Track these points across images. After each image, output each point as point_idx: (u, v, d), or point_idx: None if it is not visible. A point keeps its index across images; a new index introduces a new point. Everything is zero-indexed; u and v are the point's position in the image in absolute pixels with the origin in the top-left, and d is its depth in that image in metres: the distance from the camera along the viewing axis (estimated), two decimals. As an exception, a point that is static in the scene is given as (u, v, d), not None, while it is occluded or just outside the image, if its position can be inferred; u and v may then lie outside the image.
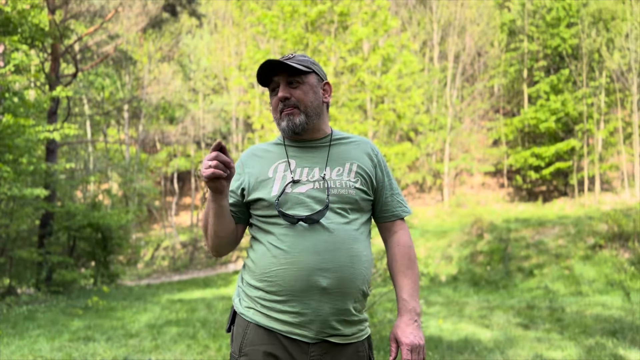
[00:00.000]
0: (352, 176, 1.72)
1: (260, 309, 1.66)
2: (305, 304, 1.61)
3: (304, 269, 1.60)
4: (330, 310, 1.62)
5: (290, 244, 1.63)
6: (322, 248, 1.62)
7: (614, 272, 10.52)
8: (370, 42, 17.73)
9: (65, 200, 14.98)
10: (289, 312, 1.62)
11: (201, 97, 25.99)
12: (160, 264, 22.42)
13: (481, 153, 24.46)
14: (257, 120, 18.95)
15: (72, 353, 5.54)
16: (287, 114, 1.71)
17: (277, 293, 1.63)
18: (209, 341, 6.02)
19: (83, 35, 15.27)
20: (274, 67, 1.71)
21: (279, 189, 1.68)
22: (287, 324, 1.62)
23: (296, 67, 1.69)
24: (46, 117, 13.25)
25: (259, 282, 1.67)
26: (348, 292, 1.64)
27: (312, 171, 1.72)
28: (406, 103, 17.59)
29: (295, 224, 1.63)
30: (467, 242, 14.09)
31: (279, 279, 1.62)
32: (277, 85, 1.74)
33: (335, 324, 1.63)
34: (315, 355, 1.62)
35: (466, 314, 7.77)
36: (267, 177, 1.72)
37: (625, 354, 4.96)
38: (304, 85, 1.73)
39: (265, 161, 1.76)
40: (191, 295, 11.56)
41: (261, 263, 1.67)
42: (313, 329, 1.61)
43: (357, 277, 1.65)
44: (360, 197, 1.71)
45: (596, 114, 20.98)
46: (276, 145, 1.81)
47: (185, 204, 28.30)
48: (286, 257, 1.62)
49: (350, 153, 1.77)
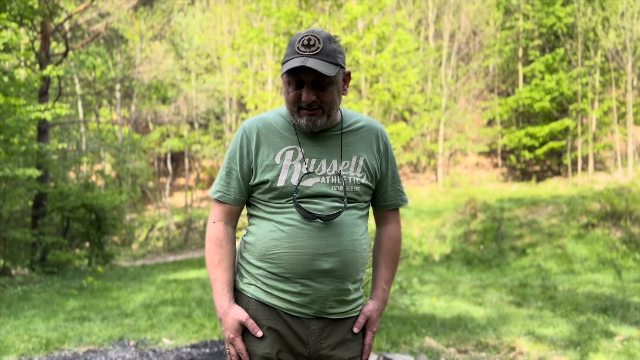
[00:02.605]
0: (358, 171, 1.71)
1: (262, 286, 1.69)
2: (306, 286, 1.65)
3: (307, 254, 1.63)
4: (330, 291, 1.66)
5: (293, 229, 1.65)
6: (325, 233, 1.64)
7: (605, 250, 10.63)
8: (365, 20, 17.56)
9: (58, 181, 14.89)
10: (290, 291, 1.66)
11: (194, 77, 25.73)
12: (155, 244, 22.44)
13: (475, 133, 24.46)
14: (250, 100, 18.81)
15: (68, 332, 5.56)
16: (309, 114, 1.63)
17: (279, 274, 1.66)
18: (205, 320, 6.06)
19: (73, 13, 15.00)
20: (299, 68, 1.58)
21: (286, 180, 1.65)
22: (288, 302, 1.66)
23: (327, 70, 1.57)
24: (37, 97, 13.09)
25: (260, 261, 1.69)
26: (349, 274, 1.69)
27: (319, 162, 1.68)
28: (401, 82, 17.49)
29: (312, 219, 1.64)
30: (460, 221, 14.17)
31: (282, 262, 1.65)
32: (300, 81, 1.61)
33: (334, 303, 1.69)
34: (315, 329, 1.68)
35: (459, 292, 7.84)
36: (274, 162, 1.68)
37: (615, 330, 5.03)
38: (330, 86, 1.62)
39: (274, 144, 1.69)
40: (186, 275, 11.60)
41: (263, 244, 1.68)
42: (313, 307, 1.67)
43: (357, 260, 1.70)
44: (363, 191, 1.73)
45: (590, 93, 20.97)
46: (286, 125, 1.72)
47: (179, 184, 28.23)
48: (289, 241, 1.64)
49: (358, 145, 1.73)
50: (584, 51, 21.48)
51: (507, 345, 4.66)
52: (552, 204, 13.91)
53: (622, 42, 19.33)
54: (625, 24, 18.96)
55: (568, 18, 21.86)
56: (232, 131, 23.93)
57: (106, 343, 5.16)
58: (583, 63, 21.19)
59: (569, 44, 21.68)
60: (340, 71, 1.64)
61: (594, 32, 20.67)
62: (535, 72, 22.45)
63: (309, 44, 1.59)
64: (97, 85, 21.12)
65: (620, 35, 19.40)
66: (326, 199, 1.65)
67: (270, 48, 19.23)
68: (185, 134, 25.63)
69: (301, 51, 1.59)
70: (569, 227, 12.04)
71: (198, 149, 24.37)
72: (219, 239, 1.72)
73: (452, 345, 4.71)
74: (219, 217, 1.75)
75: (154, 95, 23.21)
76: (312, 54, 1.58)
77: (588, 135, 20.40)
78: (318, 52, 1.58)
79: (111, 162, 22.77)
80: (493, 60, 24.68)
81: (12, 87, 10.63)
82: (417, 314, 6.07)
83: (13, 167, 10.41)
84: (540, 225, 12.63)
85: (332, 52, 1.61)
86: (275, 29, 17.96)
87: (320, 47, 1.59)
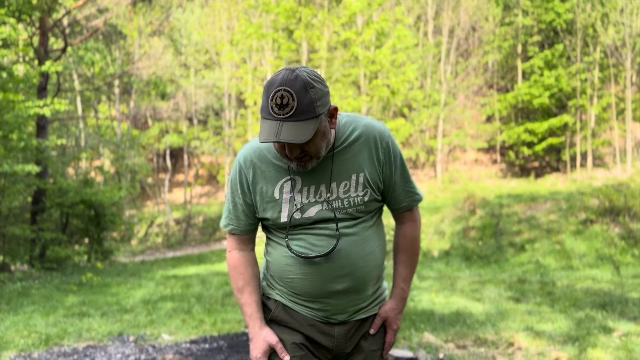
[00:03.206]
0: (359, 190, 1.66)
1: (285, 297, 1.74)
2: (325, 303, 1.70)
3: (318, 280, 1.66)
4: (349, 303, 1.71)
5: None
6: (335, 257, 1.64)
7: (604, 246, 10.65)
8: (364, 16, 17.53)
9: (57, 177, 14.87)
10: (312, 308, 1.71)
11: (192, 73, 25.68)
12: (154, 240, 22.45)
13: (474, 129, 24.46)
14: (249, 96, 18.79)
15: (67, 328, 5.57)
16: (298, 162, 1.58)
17: (297, 294, 1.71)
18: (204, 316, 6.07)
19: (72, 9, 14.96)
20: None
21: (287, 215, 1.65)
22: (312, 314, 1.72)
23: (303, 140, 1.48)
24: (36, 93, 13.06)
25: (279, 281, 1.74)
26: (365, 287, 1.72)
27: (318, 189, 1.65)
28: (400, 79, 17.48)
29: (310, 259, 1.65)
30: (459, 217, 14.18)
31: (296, 285, 1.69)
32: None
33: (355, 309, 1.74)
34: (342, 332, 1.73)
35: (458, 288, 7.85)
36: (274, 198, 1.67)
37: (614, 326, 5.05)
38: (315, 136, 1.53)
39: (270, 177, 1.67)
40: (185, 271, 11.60)
41: (278, 267, 1.73)
42: (337, 317, 1.72)
43: (371, 271, 1.72)
44: (369, 206, 1.70)
45: (589, 89, 20.96)
46: (278, 155, 1.65)
47: (179, 180, 28.21)
48: (301, 268, 1.67)
49: (355, 160, 1.65)
50: (583, 47, 21.46)
51: (505, 341, 4.68)
52: (551, 200, 13.93)
53: (621, 38, 19.32)
54: (624, 20, 18.94)
55: (567, 14, 21.83)
56: (232, 127, 23.93)
57: (106, 339, 5.17)
58: (582, 59, 21.18)
59: (568, 40, 21.66)
60: (323, 115, 1.54)
61: (593, 28, 20.65)
62: (535, 68, 22.43)
63: (282, 104, 1.47)
64: (96, 81, 21.08)
65: (620, 31, 19.38)
66: (330, 222, 1.65)
67: (269, 44, 19.20)
68: (184, 130, 25.59)
69: (275, 113, 1.47)
70: (567, 223, 12.06)
71: (197, 145, 24.35)
72: (237, 267, 1.77)
73: (451, 341, 4.73)
74: (233, 247, 1.79)
75: (153, 91, 23.14)
76: (286, 117, 1.47)
77: (587, 131, 20.40)
78: (292, 114, 1.47)
79: (110, 158, 22.75)
80: (492, 57, 24.66)
81: (10, 83, 10.61)
82: (416, 310, 6.09)
83: (12, 163, 10.41)
84: (538, 221, 12.65)
85: (309, 105, 1.49)
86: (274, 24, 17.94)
87: (295, 105, 1.47)
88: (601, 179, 17.23)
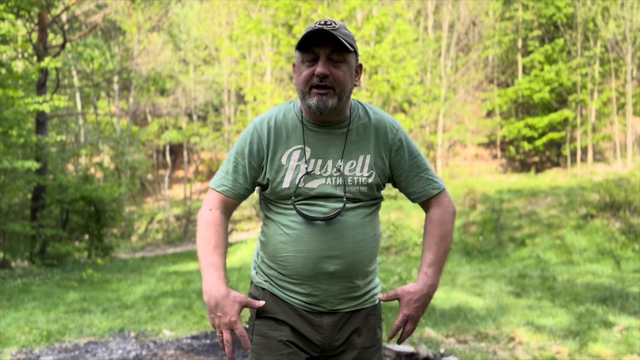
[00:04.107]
0: (365, 171, 1.68)
1: (275, 285, 1.72)
2: (315, 287, 1.67)
3: (311, 257, 1.64)
4: (339, 291, 1.68)
5: (298, 232, 1.65)
6: (329, 236, 1.64)
7: (604, 241, 10.65)
8: (364, 10, 17.46)
9: (57, 174, 14.86)
10: (301, 292, 1.69)
11: (192, 68, 25.62)
12: (154, 236, 22.46)
13: (475, 124, 24.42)
14: (249, 92, 18.75)
15: (68, 324, 5.58)
16: (320, 93, 1.60)
17: (288, 275, 1.69)
18: (205, 311, 6.07)
19: (70, 5, 14.91)
20: (317, 37, 1.57)
21: (291, 181, 1.65)
22: (300, 301, 1.69)
23: (344, 43, 1.57)
24: (35, 89, 13.04)
25: (271, 262, 1.72)
26: (356, 274, 1.69)
27: (325, 163, 1.66)
28: (400, 74, 17.43)
29: (311, 221, 1.64)
30: (460, 213, 14.18)
31: (289, 264, 1.67)
32: (314, 57, 1.60)
33: (344, 300, 1.70)
34: (329, 323, 1.70)
35: (459, 283, 7.86)
36: (281, 164, 1.67)
37: (614, 320, 5.05)
38: (344, 65, 1.61)
39: (282, 144, 1.68)
40: (186, 267, 11.62)
41: (272, 246, 1.70)
42: (325, 306, 1.69)
43: (364, 259, 1.69)
44: (371, 190, 1.70)
45: (590, 84, 20.92)
46: (294, 124, 1.69)
47: (178, 177, 28.20)
48: (294, 245, 1.65)
49: (364, 143, 1.70)
50: (583, 42, 21.40)
51: (506, 336, 4.68)
52: (551, 195, 13.92)
53: (621, 32, 19.26)
54: (625, 14, 18.89)
55: (567, 8, 21.76)
56: (231, 123, 23.89)
57: (107, 335, 5.18)
58: (582, 54, 21.13)
59: (568, 35, 21.60)
60: (354, 56, 1.64)
61: (594, 22, 20.59)
62: (535, 63, 22.38)
63: (326, 22, 1.60)
64: (95, 77, 21.04)
65: (620, 25, 19.32)
66: (330, 200, 1.65)
67: (269, 39, 19.14)
68: (184, 126, 25.57)
69: (319, 26, 1.59)
70: (568, 218, 12.05)
71: (197, 141, 24.33)
72: (216, 224, 1.68)
73: (452, 336, 4.73)
74: (216, 206, 1.72)
75: (152, 87, 23.10)
76: (331, 29, 1.58)
77: (587, 126, 20.37)
78: (336, 30, 1.59)
79: (110, 155, 22.73)
80: (492, 51, 24.60)
81: (9, 79, 10.59)
82: (416, 305, 6.08)
83: (12, 160, 10.40)
84: (539, 216, 12.65)
85: (349, 35, 1.63)
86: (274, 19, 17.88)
87: (337, 26, 1.60)
88: (602, 174, 17.22)
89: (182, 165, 27.35)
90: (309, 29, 1.59)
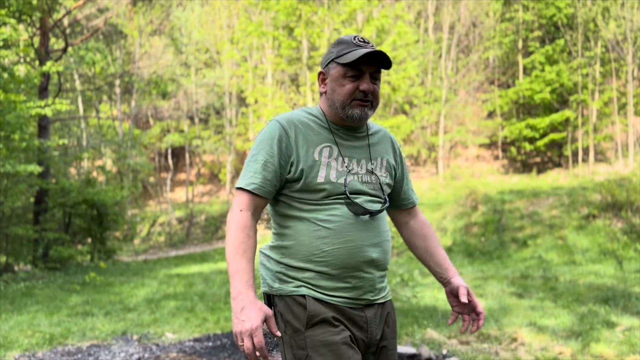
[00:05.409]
0: (383, 171, 1.83)
1: (314, 287, 1.68)
2: (358, 278, 1.71)
3: (357, 246, 1.70)
4: (377, 278, 1.77)
5: (340, 225, 1.69)
6: (370, 226, 1.73)
7: (607, 241, 10.64)
8: (364, 12, 17.48)
9: (59, 177, 14.90)
10: (344, 287, 1.70)
11: (193, 71, 25.67)
12: (157, 239, 22.48)
13: (476, 125, 24.42)
14: (250, 94, 18.78)
15: (71, 327, 5.59)
16: (363, 105, 1.73)
17: (327, 272, 1.68)
18: (207, 314, 6.08)
19: (72, 9, 14.97)
20: (370, 58, 1.70)
21: (325, 176, 1.70)
22: (342, 298, 1.70)
23: (389, 64, 1.72)
24: (37, 93, 13.08)
25: (305, 263, 1.68)
26: (388, 261, 1.81)
27: (352, 161, 1.76)
28: (401, 75, 17.44)
29: (360, 214, 1.70)
30: (461, 213, 14.17)
31: (333, 258, 1.68)
32: (359, 73, 1.72)
33: (378, 290, 1.78)
34: (371, 316, 1.75)
35: (461, 284, 7.85)
36: (313, 158, 1.71)
37: (617, 320, 5.05)
38: (379, 82, 1.77)
39: (310, 140, 1.73)
40: (188, 269, 11.63)
41: (308, 245, 1.68)
42: (367, 297, 1.74)
43: (390, 248, 1.83)
44: (387, 189, 1.84)
45: (591, 84, 20.91)
46: (319, 123, 1.77)
47: (180, 179, 28.23)
48: (338, 237, 1.68)
49: (380, 147, 1.86)
50: (584, 42, 21.40)
51: (509, 336, 4.68)
52: (553, 195, 13.91)
53: (622, 32, 19.26)
54: (625, 14, 18.88)
55: (568, 9, 21.76)
56: (233, 126, 23.92)
57: (109, 338, 5.19)
58: (583, 54, 21.12)
59: (569, 35, 21.60)
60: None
61: (594, 22, 20.59)
62: (535, 64, 22.38)
63: (365, 41, 1.74)
64: (97, 80, 21.09)
65: (621, 25, 19.32)
66: (360, 196, 1.73)
67: (270, 42, 19.19)
68: (186, 129, 25.60)
69: (362, 44, 1.72)
70: (569, 219, 12.04)
71: (198, 143, 24.36)
72: (247, 227, 1.65)
73: (454, 337, 4.73)
74: (247, 207, 1.67)
75: (154, 91, 23.14)
76: (373, 48, 1.72)
77: (588, 126, 20.36)
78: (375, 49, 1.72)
79: (112, 158, 22.76)
80: (493, 52, 24.61)
81: (12, 83, 10.62)
82: (418, 306, 6.10)
83: (14, 164, 10.43)
84: (541, 217, 12.64)
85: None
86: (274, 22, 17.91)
87: (374, 45, 1.75)
88: (603, 174, 17.20)
89: (184, 168, 27.39)
90: (355, 48, 1.71)
